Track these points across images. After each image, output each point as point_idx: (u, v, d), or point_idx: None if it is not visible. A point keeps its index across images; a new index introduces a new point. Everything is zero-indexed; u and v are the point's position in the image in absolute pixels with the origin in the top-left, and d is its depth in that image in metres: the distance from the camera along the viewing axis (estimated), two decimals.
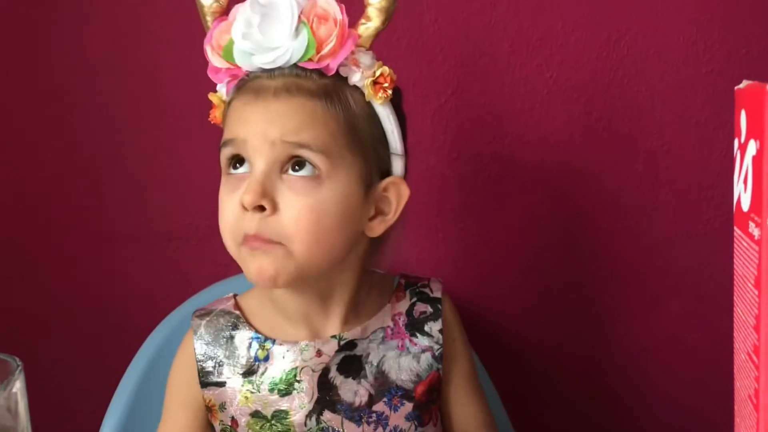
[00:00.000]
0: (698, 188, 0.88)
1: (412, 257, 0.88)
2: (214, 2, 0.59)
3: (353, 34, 0.57)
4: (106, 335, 0.93)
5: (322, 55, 0.55)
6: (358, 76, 0.57)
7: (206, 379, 0.63)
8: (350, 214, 0.58)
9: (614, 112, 0.87)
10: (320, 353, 0.62)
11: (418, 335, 0.65)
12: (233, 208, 0.57)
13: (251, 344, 0.63)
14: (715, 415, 0.91)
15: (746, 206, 0.39)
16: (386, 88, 0.58)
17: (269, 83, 0.57)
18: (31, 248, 0.92)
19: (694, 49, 0.85)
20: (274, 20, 0.55)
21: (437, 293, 0.67)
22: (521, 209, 0.89)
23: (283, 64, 0.56)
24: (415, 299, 0.66)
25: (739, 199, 0.40)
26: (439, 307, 0.66)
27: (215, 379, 0.63)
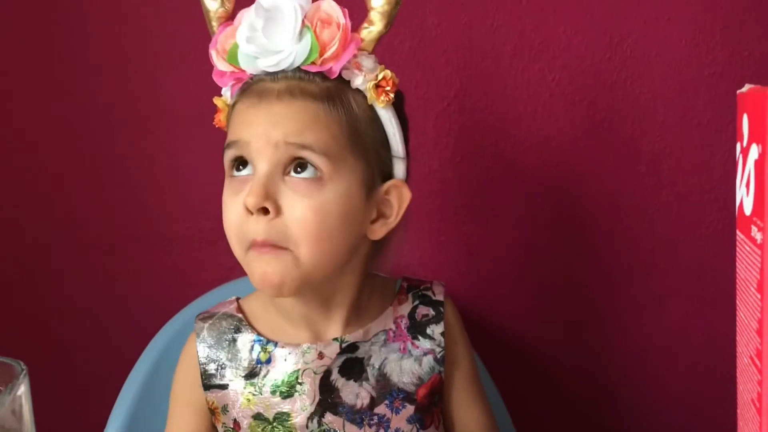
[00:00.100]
0: (700, 190, 0.88)
1: (414, 260, 0.88)
2: (219, 7, 0.60)
3: (356, 37, 0.57)
4: (109, 338, 0.93)
5: (324, 58, 0.56)
6: (360, 79, 0.58)
7: (209, 381, 0.63)
8: (352, 216, 0.58)
9: (616, 114, 0.87)
10: (322, 356, 0.62)
11: (420, 338, 0.65)
12: (237, 210, 0.57)
13: (253, 347, 0.63)
14: (717, 418, 0.91)
15: (748, 210, 0.39)
16: (388, 91, 0.58)
17: (273, 86, 0.57)
18: (33, 251, 0.92)
19: (696, 51, 0.85)
20: (278, 24, 0.56)
21: (439, 296, 0.67)
22: (523, 212, 0.89)
23: (286, 67, 0.56)
24: (417, 302, 0.66)
25: (741, 203, 0.40)
26: (441, 310, 0.66)
27: (218, 381, 0.63)
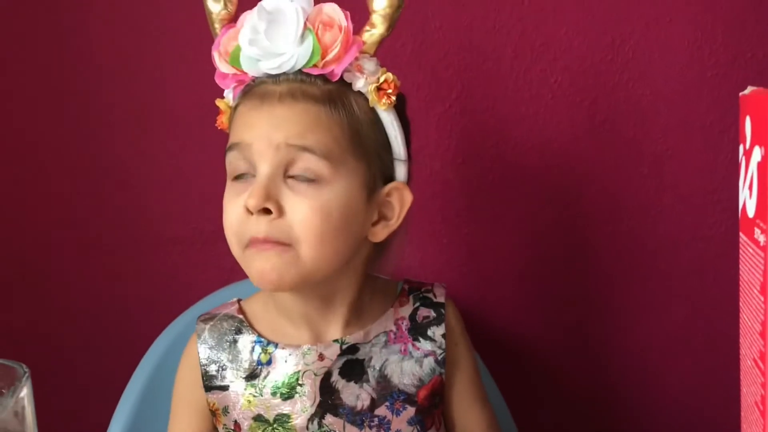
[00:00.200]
0: (703, 192, 0.88)
1: (416, 262, 0.88)
2: (222, 9, 0.60)
3: (357, 40, 0.57)
4: (111, 340, 0.93)
5: (326, 61, 0.56)
6: (362, 82, 0.58)
7: (210, 382, 0.64)
8: (353, 218, 0.58)
9: (618, 116, 0.86)
10: (322, 357, 0.62)
11: (421, 339, 0.65)
12: (238, 211, 0.57)
13: (254, 348, 0.63)
14: (719, 420, 0.91)
15: (751, 212, 0.39)
16: (390, 94, 0.58)
17: (274, 88, 0.57)
18: (35, 252, 0.92)
19: (698, 52, 0.85)
20: (280, 27, 0.56)
21: (440, 298, 0.67)
22: (525, 213, 0.89)
23: (288, 69, 0.57)
24: (418, 304, 0.66)
25: (744, 205, 0.40)
26: (442, 311, 0.66)
27: (218, 382, 0.63)
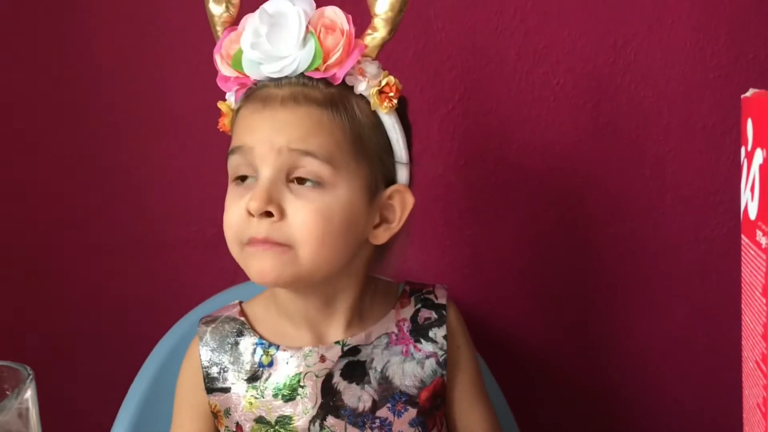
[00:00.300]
0: (705, 193, 0.88)
1: (419, 264, 0.88)
2: (224, 12, 0.60)
3: (359, 44, 0.57)
4: (115, 342, 0.93)
5: (328, 64, 0.56)
6: (363, 85, 0.58)
7: (211, 385, 0.64)
8: (354, 221, 0.58)
9: (621, 117, 0.86)
10: (324, 359, 0.62)
11: (422, 341, 0.65)
12: (239, 213, 0.57)
13: (255, 350, 0.63)
14: (722, 422, 0.91)
15: (753, 214, 0.39)
16: (392, 97, 0.58)
17: (276, 92, 0.57)
18: (37, 254, 0.92)
19: (701, 54, 0.85)
20: (282, 30, 0.56)
21: (442, 299, 0.67)
22: (528, 215, 0.89)
23: (290, 73, 0.57)
24: (419, 305, 0.66)
25: (746, 207, 0.40)
26: (443, 313, 0.66)
27: (220, 384, 0.63)
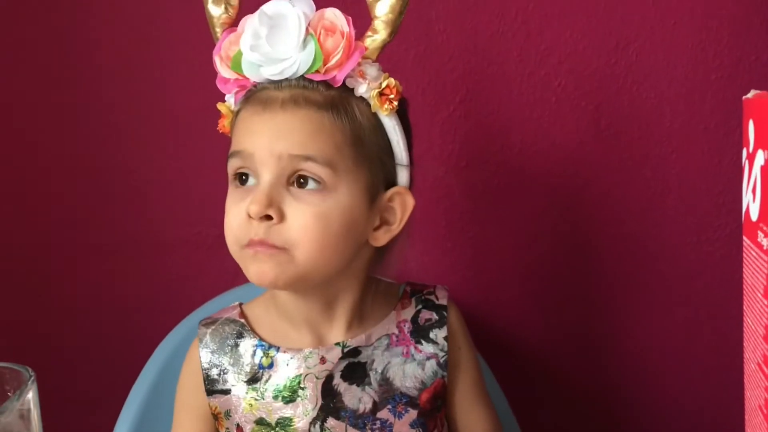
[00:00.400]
0: (708, 194, 0.88)
1: (420, 265, 0.88)
2: (223, 13, 0.60)
3: (360, 46, 0.57)
4: (116, 344, 0.93)
5: (328, 66, 0.56)
6: (364, 87, 0.58)
7: (212, 386, 0.64)
8: (355, 224, 0.58)
9: (623, 119, 0.86)
10: (324, 360, 0.62)
11: (423, 342, 0.65)
12: (239, 216, 0.57)
13: (255, 352, 0.63)
14: (723, 424, 0.90)
15: (755, 216, 0.39)
16: (392, 99, 0.58)
17: (276, 94, 0.57)
18: (38, 256, 0.92)
19: (703, 55, 0.85)
20: (281, 32, 0.56)
21: (443, 300, 0.67)
22: (529, 216, 0.89)
23: (290, 75, 0.56)
24: (420, 306, 0.66)
25: (747, 208, 0.40)
26: (444, 314, 0.66)
27: (220, 386, 0.63)
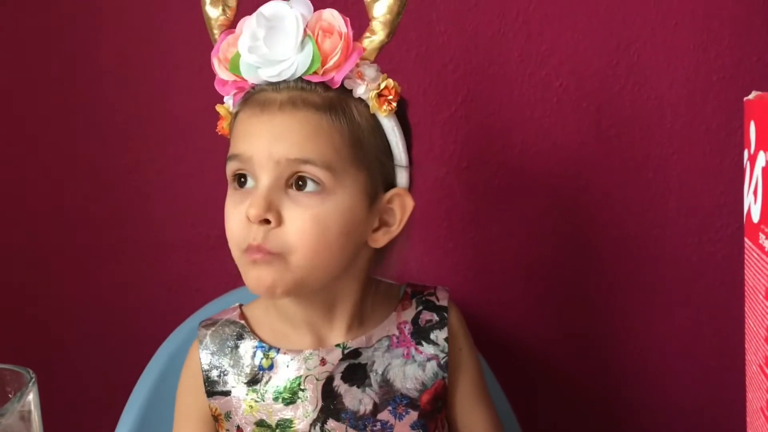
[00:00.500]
0: (709, 195, 0.88)
1: (421, 266, 0.88)
2: (221, 15, 0.60)
3: (358, 47, 0.57)
4: (117, 345, 0.93)
5: (326, 68, 0.56)
6: (362, 88, 0.57)
7: (212, 388, 0.63)
8: (353, 226, 0.58)
9: (624, 120, 0.86)
10: (324, 362, 0.62)
11: (423, 343, 0.65)
12: (239, 219, 0.57)
13: (255, 353, 0.63)
14: (725, 425, 0.90)
15: (756, 217, 0.39)
16: (391, 100, 0.58)
17: (275, 96, 0.57)
18: (40, 257, 0.92)
19: (704, 56, 0.85)
20: (279, 34, 0.56)
21: (443, 302, 0.67)
22: (531, 217, 0.89)
23: (288, 77, 0.56)
24: (420, 308, 0.66)
25: (749, 210, 0.40)
26: (445, 315, 0.66)
27: (220, 388, 0.63)
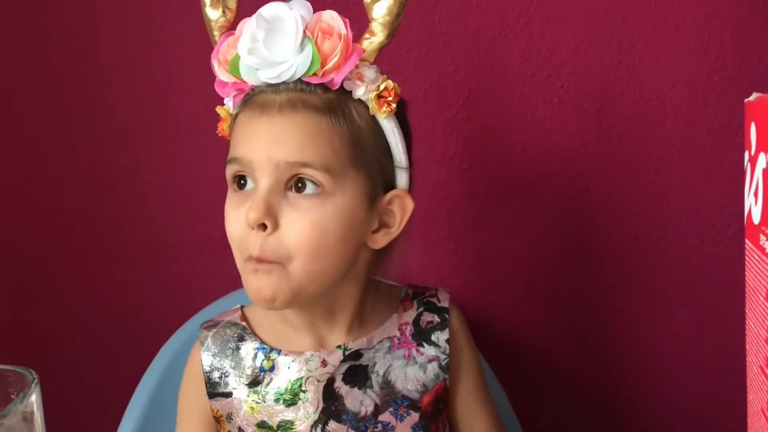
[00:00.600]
0: (710, 196, 0.88)
1: (423, 267, 0.88)
2: (221, 17, 0.60)
3: (357, 48, 0.57)
4: (119, 346, 0.93)
5: (326, 69, 0.56)
6: (362, 90, 0.57)
7: (213, 389, 0.64)
8: (353, 228, 0.58)
9: (625, 120, 0.86)
10: (325, 363, 0.62)
11: (424, 345, 0.65)
12: (239, 222, 0.57)
13: (257, 355, 0.63)
14: (726, 427, 0.90)
15: (757, 219, 0.39)
16: (390, 101, 0.58)
17: (274, 98, 0.57)
18: (41, 259, 0.92)
19: (705, 56, 0.84)
20: (279, 35, 0.55)
21: (444, 303, 0.67)
22: (532, 218, 0.89)
23: (287, 79, 0.56)
24: (421, 309, 0.66)
25: (749, 211, 0.40)
26: (446, 316, 0.66)
27: (222, 389, 0.63)
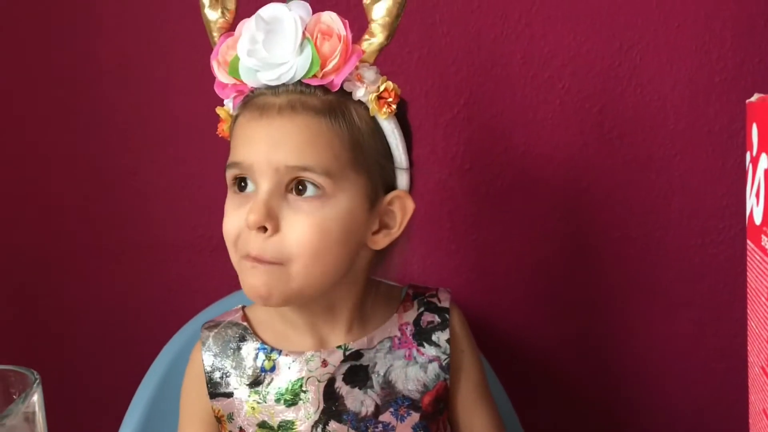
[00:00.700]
0: (712, 197, 0.88)
1: (424, 268, 0.88)
2: (220, 18, 0.60)
3: (357, 49, 0.57)
4: (121, 347, 0.93)
5: (326, 71, 0.56)
6: (362, 91, 0.57)
7: (214, 390, 0.64)
8: (353, 230, 0.58)
9: (626, 121, 0.86)
10: (326, 363, 0.62)
11: (425, 345, 0.65)
12: (238, 223, 0.57)
13: (257, 355, 0.63)
14: (727, 427, 0.90)
15: (758, 219, 0.39)
16: (390, 102, 0.57)
17: (274, 100, 0.57)
18: (42, 259, 0.92)
19: (707, 57, 0.85)
20: (278, 37, 0.55)
21: (445, 303, 0.67)
22: (533, 219, 0.89)
23: (287, 80, 0.56)
24: (422, 309, 0.66)
25: (751, 212, 0.40)
26: (446, 316, 0.66)
27: (223, 389, 0.63)
